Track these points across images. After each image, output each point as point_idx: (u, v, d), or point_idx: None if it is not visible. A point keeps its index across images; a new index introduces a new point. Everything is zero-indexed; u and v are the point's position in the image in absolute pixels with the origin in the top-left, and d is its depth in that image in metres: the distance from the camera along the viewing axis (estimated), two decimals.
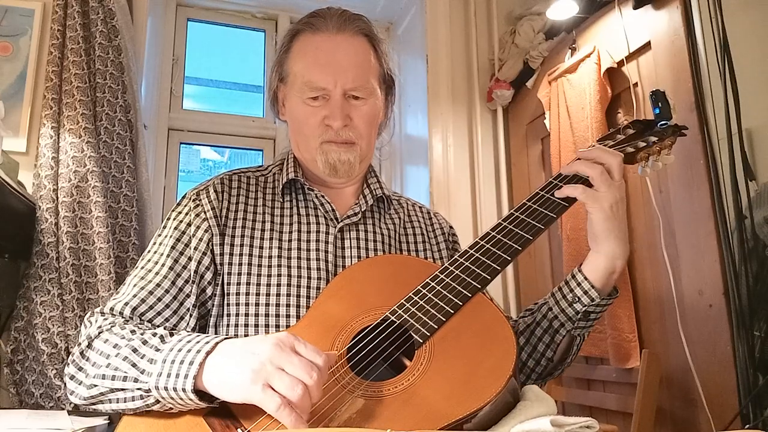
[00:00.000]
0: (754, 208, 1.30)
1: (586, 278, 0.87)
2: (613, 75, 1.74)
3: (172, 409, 0.72)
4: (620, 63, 1.71)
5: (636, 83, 1.66)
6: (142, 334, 0.76)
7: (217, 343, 0.71)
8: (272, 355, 0.65)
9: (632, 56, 1.68)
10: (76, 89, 1.84)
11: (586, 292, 0.87)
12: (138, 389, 0.72)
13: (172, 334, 0.76)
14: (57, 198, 1.76)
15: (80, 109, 1.82)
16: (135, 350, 0.74)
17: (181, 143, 2.45)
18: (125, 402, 0.74)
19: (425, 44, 2.36)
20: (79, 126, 1.81)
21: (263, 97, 2.65)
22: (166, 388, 0.69)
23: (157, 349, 0.73)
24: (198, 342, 0.72)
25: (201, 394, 0.69)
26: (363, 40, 0.97)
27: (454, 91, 2.33)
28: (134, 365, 0.73)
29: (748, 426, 1.23)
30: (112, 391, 0.74)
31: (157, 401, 0.71)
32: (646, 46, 1.63)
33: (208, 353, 0.70)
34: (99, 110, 1.87)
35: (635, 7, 1.65)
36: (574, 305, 0.88)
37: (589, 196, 0.85)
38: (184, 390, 0.68)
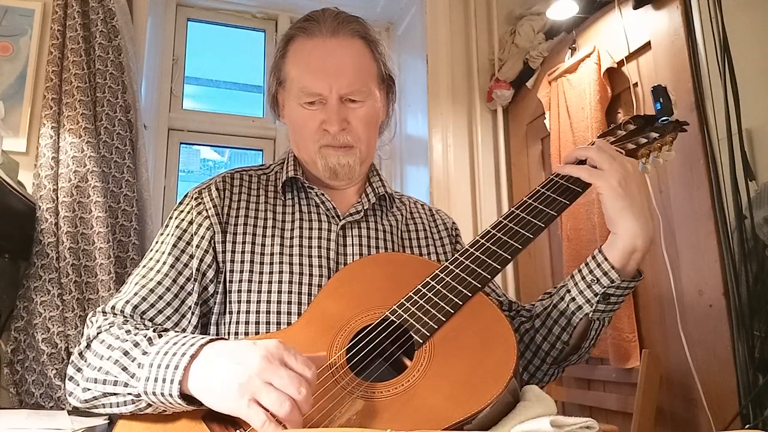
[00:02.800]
0: (754, 208, 1.30)
1: (606, 259, 0.84)
2: (613, 75, 1.74)
3: (166, 411, 0.72)
4: (620, 63, 1.71)
5: (636, 83, 1.66)
6: (135, 335, 0.76)
7: (201, 346, 0.70)
8: (260, 368, 0.64)
9: (632, 56, 1.68)
10: (76, 89, 1.84)
11: (605, 273, 0.84)
12: (129, 394, 0.72)
13: (161, 335, 0.75)
14: (57, 198, 1.76)
15: (80, 109, 1.82)
16: (126, 353, 0.74)
17: (181, 143, 2.45)
18: (118, 406, 0.74)
19: (425, 44, 2.36)
20: (79, 126, 1.81)
21: (263, 97, 2.65)
22: (154, 393, 0.69)
23: (145, 352, 0.72)
24: (184, 344, 0.71)
25: (189, 398, 0.68)
26: (358, 43, 0.96)
27: (454, 91, 2.33)
28: (125, 369, 0.72)
29: (748, 426, 1.23)
30: (105, 395, 0.74)
31: (149, 405, 0.71)
32: (646, 46, 1.63)
33: (192, 356, 0.69)
34: (99, 110, 1.87)
35: (635, 7, 1.65)
36: (593, 287, 0.85)
37: (593, 174, 0.84)
38: (171, 395, 0.68)
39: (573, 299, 0.87)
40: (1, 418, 1.26)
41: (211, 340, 0.71)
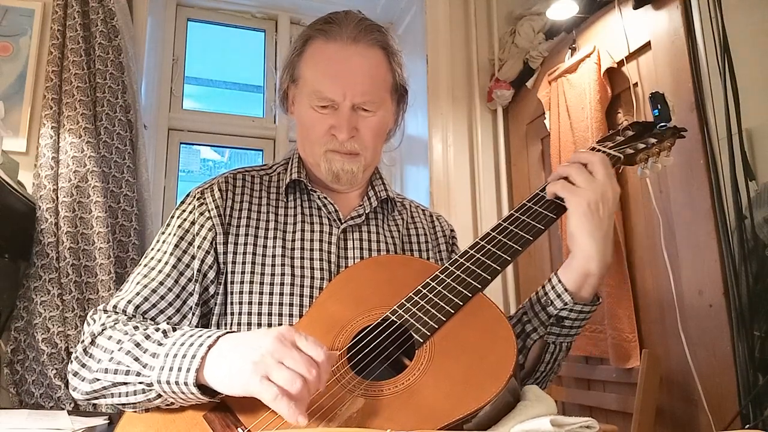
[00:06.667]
0: (754, 208, 1.30)
1: (559, 281, 0.85)
2: (613, 75, 1.74)
3: (173, 404, 0.73)
4: (620, 63, 1.71)
5: (636, 83, 1.67)
6: (145, 330, 0.77)
7: (219, 337, 0.71)
8: (273, 348, 0.66)
9: (632, 56, 1.68)
10: (76, 89, 1.84)
11: (558, 296, 0.85)
12: (140, 383, 0.72)
13: (174, 329, 0.77)
14: (57, 198, 1.76)
15: (80, 109, 1.82)
16: (138, 345, 0.75)
17: (181, 143, 2.45)
18: (127, 396, 0.74)
19: (425, 44, 2.36)
20: (79, 126, 1.81)
21: (263, 97, 2.65)
22: (168, 382, 0.70)
23: (160, 344, 0.73)
24: (200, 336, 0.72)
25: (203, 388, 0.70)
26: (378, 53, 0.95)
27: (454, 91, 2.33)
28: (137, 359, 0.73)
29: (748, 426, 1.23)
30: (115, 385, 0.75)
31: (159, 395, 0.72)
32: (646, 46, 1.63)
33: (210, 347, 0.70)
34: (99, 110, 1.87)
35: (635, 7, 1.65)
36: (547, 309, 0.86)
37: (567, 189, 0.84)
38: (186, 383, 0.69)
39: (528, 321, 0.89)
40: (1, 418, 1.26)
41: (227, 333, 0.73)
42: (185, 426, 0.71)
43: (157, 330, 0.76)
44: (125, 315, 0.83)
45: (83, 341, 0.81)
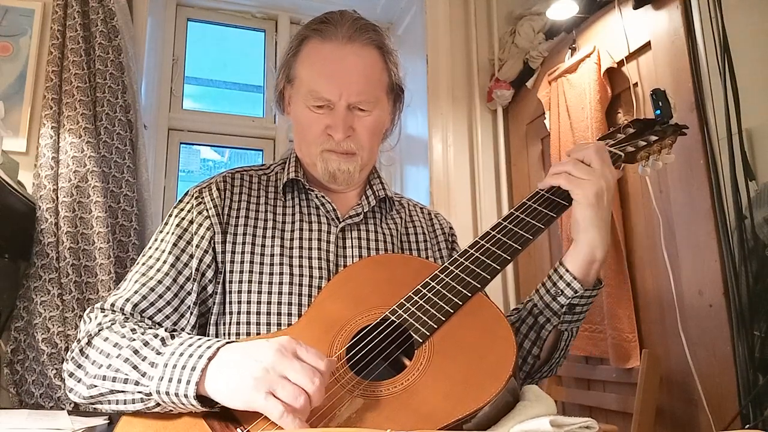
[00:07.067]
0: (754, 208, 1.30)
1: (567, 270, 0.87)
2: (613, 75, 1.74)
3: (172, 411, 0.72)
4: (620, 63, 1.71)
5: (636, 83, 1.66)
6: (143, 334, 0.76)
7: (219, 348, 0.71)
8: (274, 361, 0.65)
9: (632, 56, 1.68)
10: (76, 89, 1.84)
11: (568, 284, 0.86)
12: (138, 392, 0.72)
13: (173, 336, 0.76)
14: (57, 198, 1.76)
15: (80, 109, 1.82)
16: (136, 352, 0.74)
17: (181, 143, 2.45)
18: (125, 404, 0.74)
19: (425, 44, 2.36)
20: (79, 126, 1.81)
21: (263, 97, 2.65)
22: (167, 393, 0.69)
23: (159, 353, 0.73)
24: (200, 346, 0.71)
25: (202, 398, 0.69)
26: (373, 52, 0.95)
27: (454, 91, 2.33)
28: (135, 367, 0.72)
29: (748, 426, 1.23)
30: (112, 392, 0.74)
31: (158, 404, 0.71)
32: (646, 46, 1.63)
33: (210, 358, 0.69)
34: (99, 110, 1.87)
35: (635, 7, 1.65)
36: (558, 299, 0.87)
37: (572, 182, 0.85)
38: (186, 396, 0.68)
39: (540, 312, 0.89)
40: (1, 418, 1.26)
41: (227, 343, 0.72)
42: (184, 427, 0.71)
43: (156, 336, 0.75)
44: (123, 314, 0.83)
45: (79, 340, 0.81)
